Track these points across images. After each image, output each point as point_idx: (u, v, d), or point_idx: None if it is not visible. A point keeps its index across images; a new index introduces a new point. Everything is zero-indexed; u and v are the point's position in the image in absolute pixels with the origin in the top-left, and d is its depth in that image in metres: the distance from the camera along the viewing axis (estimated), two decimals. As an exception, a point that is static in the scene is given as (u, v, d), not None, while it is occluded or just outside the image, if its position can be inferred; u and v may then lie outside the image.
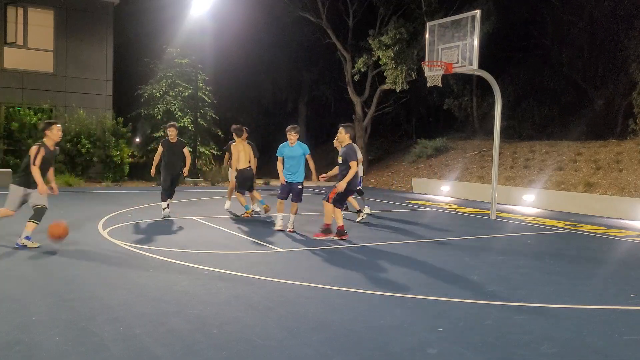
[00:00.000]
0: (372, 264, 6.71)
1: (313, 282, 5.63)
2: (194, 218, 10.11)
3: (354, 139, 8.51)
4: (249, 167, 10.18)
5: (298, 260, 6.81)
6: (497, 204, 12.15)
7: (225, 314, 4.55)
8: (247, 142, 10.34)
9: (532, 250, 8.01)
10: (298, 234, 8.64)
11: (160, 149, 9.99)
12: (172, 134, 9.97)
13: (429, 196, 16.98)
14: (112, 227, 8.70)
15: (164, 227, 9.02)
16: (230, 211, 10.92)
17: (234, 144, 10.29)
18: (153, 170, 10.41)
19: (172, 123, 10.32)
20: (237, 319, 4.41)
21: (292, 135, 8.85)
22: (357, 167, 8.10)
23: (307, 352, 3.78)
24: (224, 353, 3.71)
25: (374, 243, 8.15)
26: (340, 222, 8.22)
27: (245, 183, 10.22)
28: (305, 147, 8.93)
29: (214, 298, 5.01)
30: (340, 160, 8.19)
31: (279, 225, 8.91)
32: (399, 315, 4.65)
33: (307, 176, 9.33)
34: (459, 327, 4.38)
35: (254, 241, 7.93)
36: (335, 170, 8.52)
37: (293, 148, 8.81)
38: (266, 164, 16.94)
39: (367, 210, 10.79)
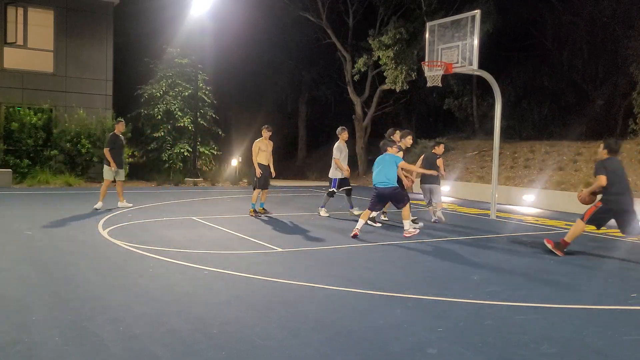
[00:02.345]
0: (372, 264, 6.71)
1: (313, 282, 5.63)
2: (194, 218, 10.11)
3: (614, 152, 7.33)
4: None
5: (298, 260, 6.81)
6: (497, 204, 12.15)
7: (225, 314, 4.55)
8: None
9: (532, 250, 8.01)
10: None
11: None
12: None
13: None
14: (112, 227, 8.70)
15: (164, 227, 9.02)
16: (97, 209, 10.75)
17: (258, 139, 10.66)
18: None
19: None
20: (237, 319, 4.41)
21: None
22: (602, 182, 7.10)
23: (307, 352, 3.77)
24: (224, 353, 3.71)
25: (374, 243, 8.15)
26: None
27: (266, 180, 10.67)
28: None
29: (214, 298, 5.01)
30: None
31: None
32: (399, 315, 4.65)
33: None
34: (459, 327, 4.38)
35: (254, 241, 7.93)
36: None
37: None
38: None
39: (356, 211, 10.89)
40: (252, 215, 10.60)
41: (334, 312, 4.68)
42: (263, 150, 10.60)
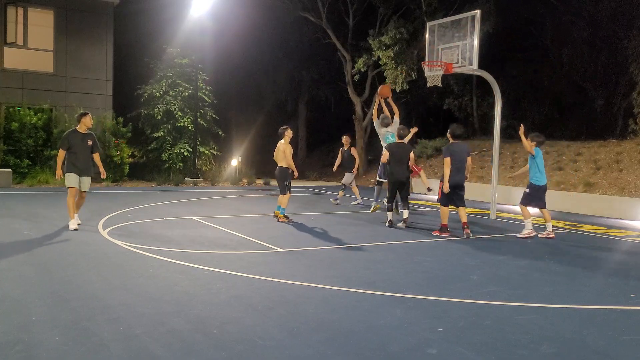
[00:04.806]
0: (372, 264, 6.71)
1: (313, 282, 5.63)
2: (194, 218, 10.12)
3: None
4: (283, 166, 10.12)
5: (298, 260, 6.81)
6: (497, 204, 12.14)
7: (225, 314, 4.55)
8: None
9: (532, 250, 8.01)
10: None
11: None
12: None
13: (429, 196, 16.95)
14: (112, 227, 8.70)
15: (164, 227, 9.02)
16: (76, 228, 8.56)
17: (283, 142, 10.09)
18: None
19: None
20: (237, 319, 4.41)
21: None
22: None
23: (307, 352, 3.78)
24: (224, 353, 3.71)
25: (374, 243, 8.15)
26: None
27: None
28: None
29: (214, 298, 5.01)
30: None
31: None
32: (399, 315, 4.65)
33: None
34: (459, 327, 4.38)
35: (254, 241, 7.94)
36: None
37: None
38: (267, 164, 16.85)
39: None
40: (284, 222, 9.96)
41: (334, 312, 4.68)
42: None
